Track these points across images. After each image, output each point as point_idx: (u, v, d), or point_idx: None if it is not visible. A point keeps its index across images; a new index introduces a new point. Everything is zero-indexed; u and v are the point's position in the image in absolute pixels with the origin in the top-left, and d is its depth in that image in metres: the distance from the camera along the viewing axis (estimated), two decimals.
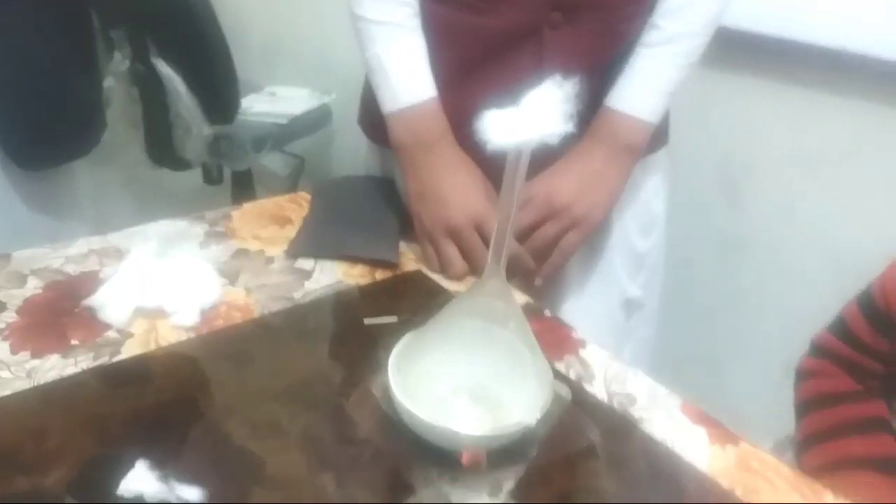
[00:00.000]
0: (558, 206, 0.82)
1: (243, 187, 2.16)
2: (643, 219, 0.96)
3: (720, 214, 1.46)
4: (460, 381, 0.39)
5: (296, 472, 0.56)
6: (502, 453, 0.35)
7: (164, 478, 0.54)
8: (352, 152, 1.04)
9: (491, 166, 0.84)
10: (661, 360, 1.08)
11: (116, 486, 0.53)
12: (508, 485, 0.35)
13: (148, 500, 0.53)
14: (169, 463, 0.56)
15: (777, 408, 1.09)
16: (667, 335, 1.09)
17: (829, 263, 1.33)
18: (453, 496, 0.34)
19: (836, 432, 0.86)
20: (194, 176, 2.13)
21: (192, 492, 0.54)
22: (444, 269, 0.83)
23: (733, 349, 1.52)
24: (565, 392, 0.40)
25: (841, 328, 0.90)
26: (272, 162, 2.21)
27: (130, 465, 0.55)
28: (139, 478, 0.54)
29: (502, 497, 0.34)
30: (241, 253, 0.85)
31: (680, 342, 1.48)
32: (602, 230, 0.91)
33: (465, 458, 0.36)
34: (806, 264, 1.37)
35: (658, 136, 0.90)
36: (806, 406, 0.92)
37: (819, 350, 0.93)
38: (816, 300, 1.28)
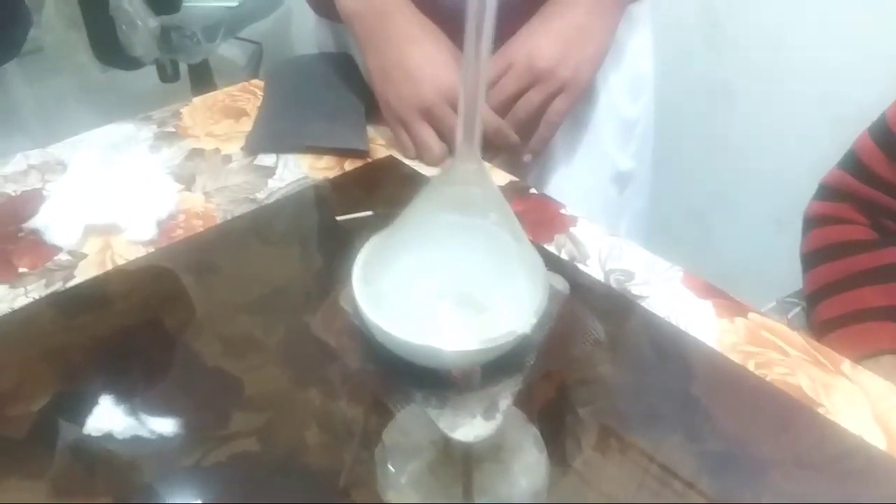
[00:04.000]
0: (541, 69, 0.74)
1: (202, 82, 2.04)
2: (630, 82, 0.88)
3: (703, 63, 1.38)
4: (440, 286, 0.34)
5: (277, 390, 0.52)
6: (495, 365, 0.30)
7: (133, 411, 0.50)
8: (313, 32, 0.95)
9: (457, 31, 0.76)
10: (651, 226, 1.03)
11: (83, 424, 0.49)
12: (505, 402, 0.30)
13: (118, 437, 0.48)
14: (138, 393, 0.52)
15: (773, 264, 1.06)
16: (655, 199, 1.04)
17: (822, 103, 1.26)
18: (442, 421, 0.30)
19: (849, 282, 0.82)
20: (149, 75, 2.01)
21: (166, 423, 0.49)
22: (420, 154, 0.76)
23: (724, 206, 1.47)
24: (562, 285, 0.34)
25: (853, 163, 0.83)
26: (228, 51, 2.08)
27: (96, 401, 0.51)
28: (106, 414, 0.50)
29: (499, 417, 0.30)
30: (196, 154, 0.78)
31: (669, 205, 1.44)
32: (587, 97, 0.84)
33: (456, 375, 0.31)
34: (796, 107, 1.30)
35: None
36: (816, 256, 0.86)
37: (829, 191, 0.86)
38: (810, 146, 1.24)
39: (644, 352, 0.56)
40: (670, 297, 0.61)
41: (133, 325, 0.58)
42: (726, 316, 0.59)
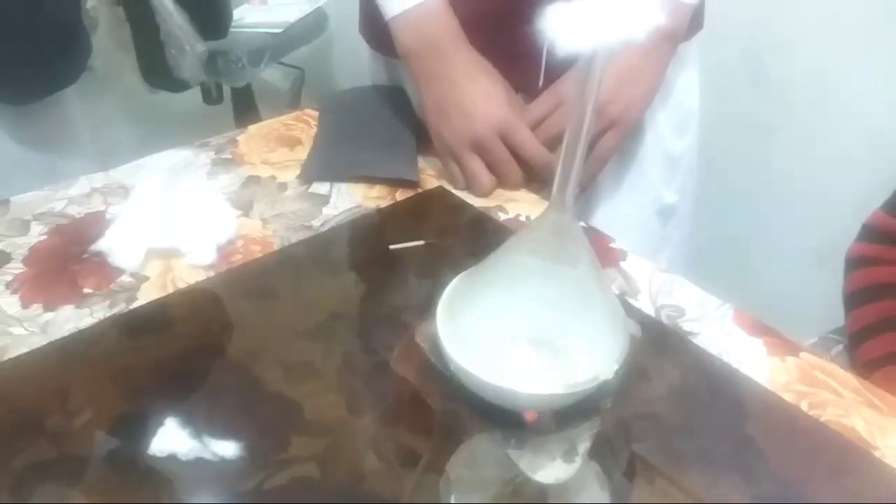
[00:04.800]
0: None
1: (244, 105, 2.08)
2: (677, 118, 0.89)
3: (748, 100, 1.38)
4: (520, 328, 0.35)
5: (336, 416, 0.53)
6: (573, 408, 0.31)
7: (197, 433, 0.51)
8: (353, 58, 0.97)
9: (509, 69, 0.77)
10: (691, 257, 1.03)
11: (147, 446, 0.50)
12: (584, 445, 0.31)
13: (181, 459, 0.50)
14: (200, 416, 0.53)
15: (813, 298, 1.05)
16: (697, 234, 1.04)
17: (867, 143, 1.26)
18: (523, 462, 0.30)
19: (891, 323, 0.82)
20: (194, 97, 2.05)
21: (227, 446, 0.51)
22: (469, 186, 0.78)
23: (764, 240, 1.47)
24: (635, 329, 0.35)
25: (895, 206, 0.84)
26: (271, 76, 2.12)
27: (160, 422, 0.52)
28: (169, 435, 0.51)
29: (578, 460, 0.31)
30: (252, 180, 0.80)
31: (710, 237, 1.44)
32: (635, 133, 0.85)
33: (528, 417, 0.32)
34: (840, 145, 1.30)
35: (695, 19, 0.82)
36: (859, 296, 0.86)
37: (872, 232, 0.86)
38: (852, 185, 1.23)
39: (698, 389, 0.57)
40: (721, 335, 0.61)
41: (194, 348, 0.59)
42: (777, 355, 0.59)
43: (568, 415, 0.31)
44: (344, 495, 0.48)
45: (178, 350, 0.59)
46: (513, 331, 0.34)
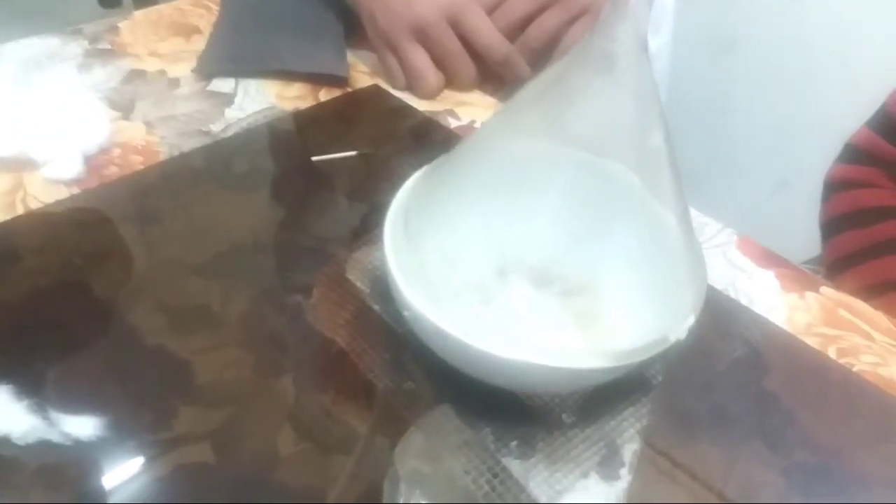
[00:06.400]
0: None
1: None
2: (652, 12, 0.76)
3: (714, 11, 1.27)
4: (513, 257, 0.21)
5: (239, 378, 0.40)
6: (610, 389, 0.19)
7: (42, 406, 0.37)
8: None
9: None
10: None
11: None
12: (630, 447, 0.19)
13: (18, 443, 0.36)
14: (49, 382, 0.39)
15: (776, 228, 0.97)
16: None
17: (839, 58, 1.16)
18: (534, 480, 0.18)
19: (874, 252, 0.74)
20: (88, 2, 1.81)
21: (86, 423, 0.37)
22: (411, 84, 0.63)
23: (726, 165, 1.38)
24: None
25: (883, 121, 0.75)
26: None
27: None
28: (3, 409, 0.37)
29: (626, 475, 0.18)
30: (136, 75, 0.63)
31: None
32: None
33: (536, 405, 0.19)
34: (807, 58, 1.20)
35: None
36: (838, 223, 0.78)
37: (855, 152, 0.78)
38: (823, 105, 1.15)
39: (705, 336, 0.45)
40: (726, 266, 0.50)
41: (47, 289, 0.44)
42: (794, 290, 0.48)
43: (600, 399, 0.19)
44: (249, 487, 0.35)
45: (25, 291, 0.44)
46: (502, 260, 0.21)
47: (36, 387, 0.38)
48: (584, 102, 0.19)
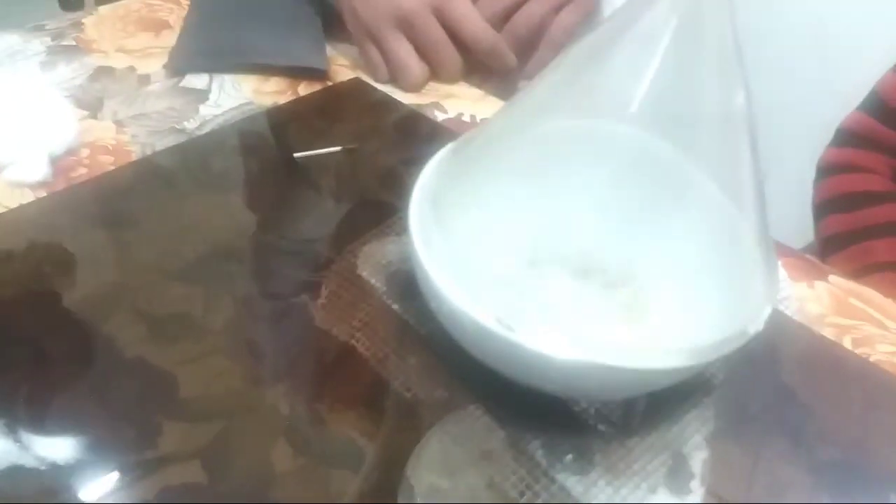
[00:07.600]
0: None
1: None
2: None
3: None
4: (554, 248, 0.19)
5: (228, 390, 0.37)
6: (672, 392, 0.16)
7: (10, 428, 0.34)
8: None
9: None
10: None
11: None
12: (700, 455, 0.16)
13: None
14: (19, 398, 0.36)
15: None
16: None
17: (813, 40, 1.16)
18: (594, 498, 0.16)
19: (860, 235, 0.73)
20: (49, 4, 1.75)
21: (61, 445, 0.34)
22: (395, 75, 0.61)
23: None
24: None
25: (875, 104, 0.75)
26: None
27: None
28: None
29: (696, 488, 0.16)
30: (103, 72, 0.60)
31: None
32: (596, 12, 0.69)
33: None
34: (784, 42, 1.19)
35: None
36: (828, 206, 0.77)
37: (847, 135, 0.77)
38: (800, 85, 1.14)
39: None
40: None
41: (14, 300, 0.41)
42: (803, 279, 0.47)
43: (658, 402, 0.16)
44: None
45: None
46: (535, 249, 0.19)
47: (5, 408, 0.35)
48: (633, 70, 0.16)
